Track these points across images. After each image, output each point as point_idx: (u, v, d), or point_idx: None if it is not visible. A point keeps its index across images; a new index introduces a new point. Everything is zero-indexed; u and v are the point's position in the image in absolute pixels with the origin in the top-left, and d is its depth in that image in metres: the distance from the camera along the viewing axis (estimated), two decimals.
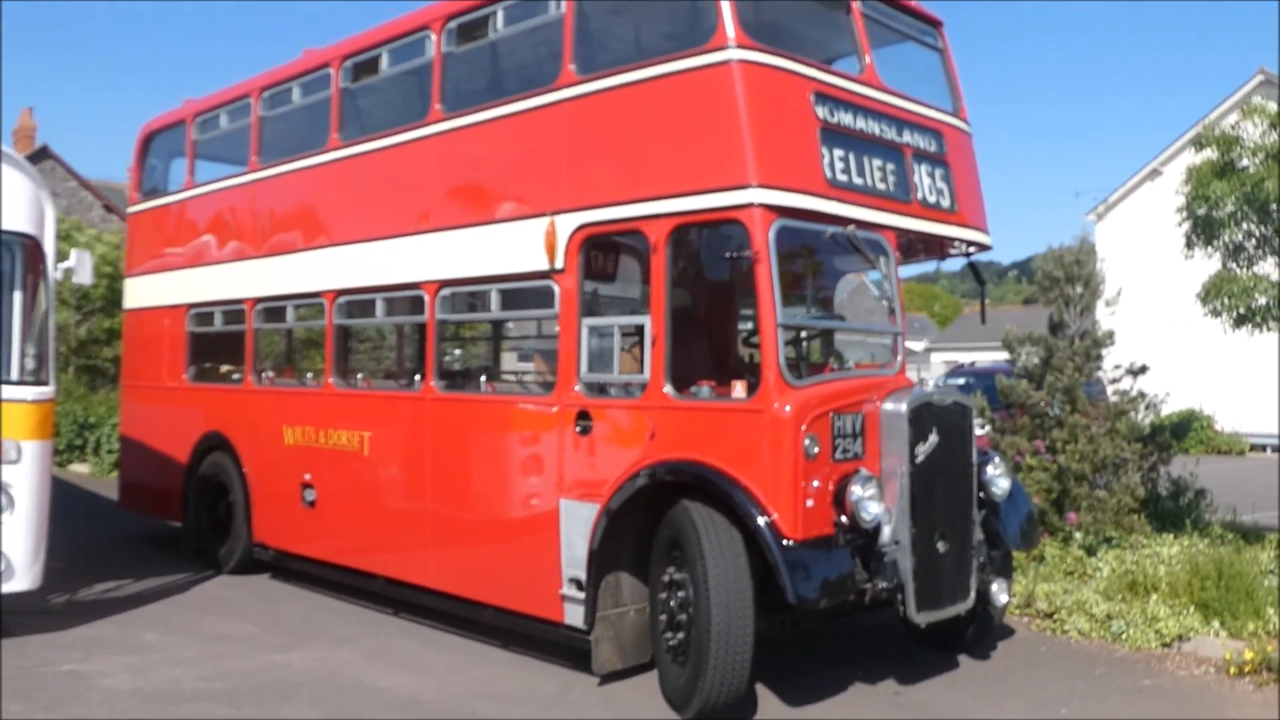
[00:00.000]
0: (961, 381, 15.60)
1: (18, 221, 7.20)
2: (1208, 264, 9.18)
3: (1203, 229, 8.42)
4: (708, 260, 6.54)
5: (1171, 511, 9.44)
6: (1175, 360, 22.76)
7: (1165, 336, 21.74)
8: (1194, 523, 9.08)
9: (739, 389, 5.84)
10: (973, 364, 18.53)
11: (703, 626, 5.40)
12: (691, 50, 5.97)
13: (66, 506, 12.38)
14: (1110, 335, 9.27)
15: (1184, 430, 10.10)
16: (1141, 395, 9.31)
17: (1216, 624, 7.11)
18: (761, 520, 5.39)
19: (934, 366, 33.40)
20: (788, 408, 5.51)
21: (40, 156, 31.58)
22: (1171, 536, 8.63)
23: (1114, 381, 9.43)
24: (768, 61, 5.91)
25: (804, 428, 5.51)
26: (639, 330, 6.19)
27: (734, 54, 5.80)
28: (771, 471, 5.48)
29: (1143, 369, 9.27)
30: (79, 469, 16.89)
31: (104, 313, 19.35)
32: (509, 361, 10.81)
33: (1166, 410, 23.25)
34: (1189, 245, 8.75)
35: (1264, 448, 24.64)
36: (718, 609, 5.35)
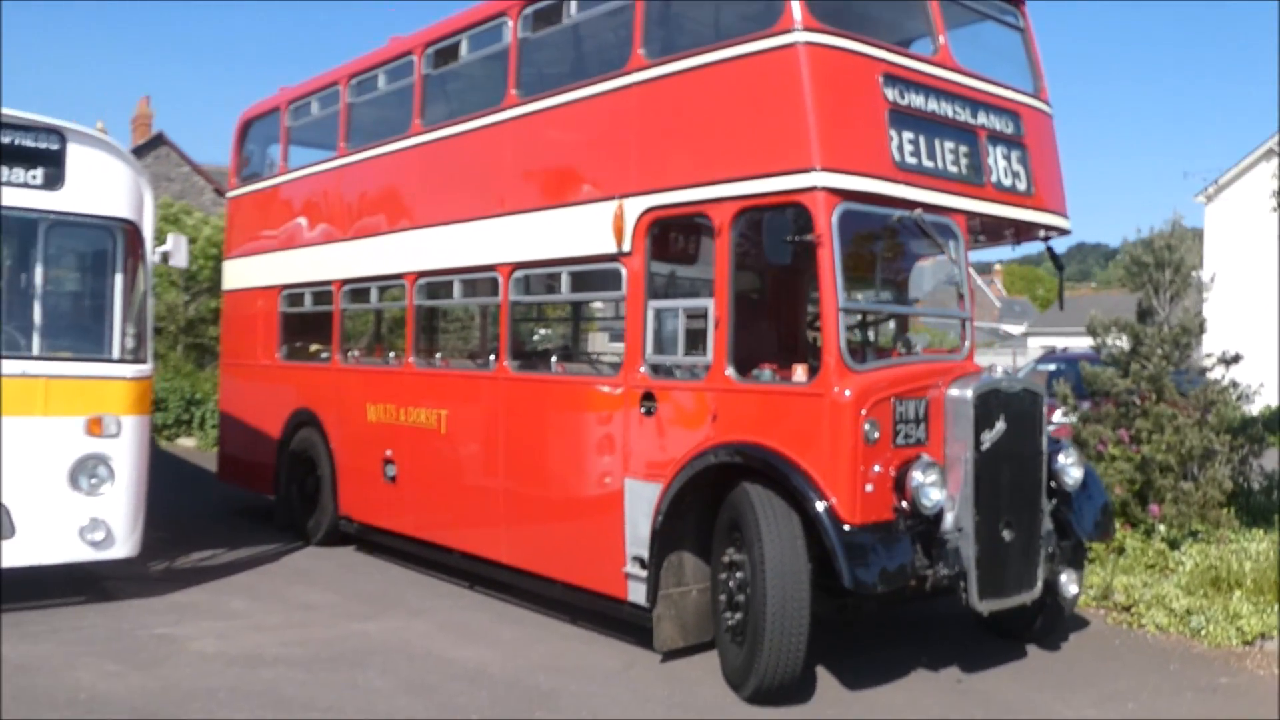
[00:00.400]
0: (1053, 367, 15.21)
1: (118, 207, 7.58)
2: None
3: None
4: (773, 243, 6.55)
5: (1264, 506, 9.09)
6: None
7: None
8: None
9: (800, 372, 5.85)
10: (1065, 349, 18.04)
11: (758, 607, 5.45)
12: (757, 34, 5.97)
13: (171, 479, 13.03)
14: (1202, 323, 8.96)
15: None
16: (1234, 385, 8.97)
17: None
18: (819, 504, 5.41)
19: (1030, 350, 32.56)
20: (848, 392, 5.51)
21: (155, 143, 32.99)
22: (1260, 532, 8.33)
23: (1205, 371, 9.11)
24: (834, 44, 5.88)
25: (864, 412, 5.50)
26: (705, 313, 6.24)
27: (800, 36, 5.79)
28: (830, 455, 5.49)
29: (1236, 358, 8.93)
30: (186, 443, 17.69)
31: (210, 293, 20.14)
32: (593, 342, 10.97)
33: (1276, 400, 22.35)
34: None
35: None
36: (773, 591, 5.39)
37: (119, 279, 7.72)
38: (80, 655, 6.18)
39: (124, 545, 7.41)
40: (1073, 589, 6.48)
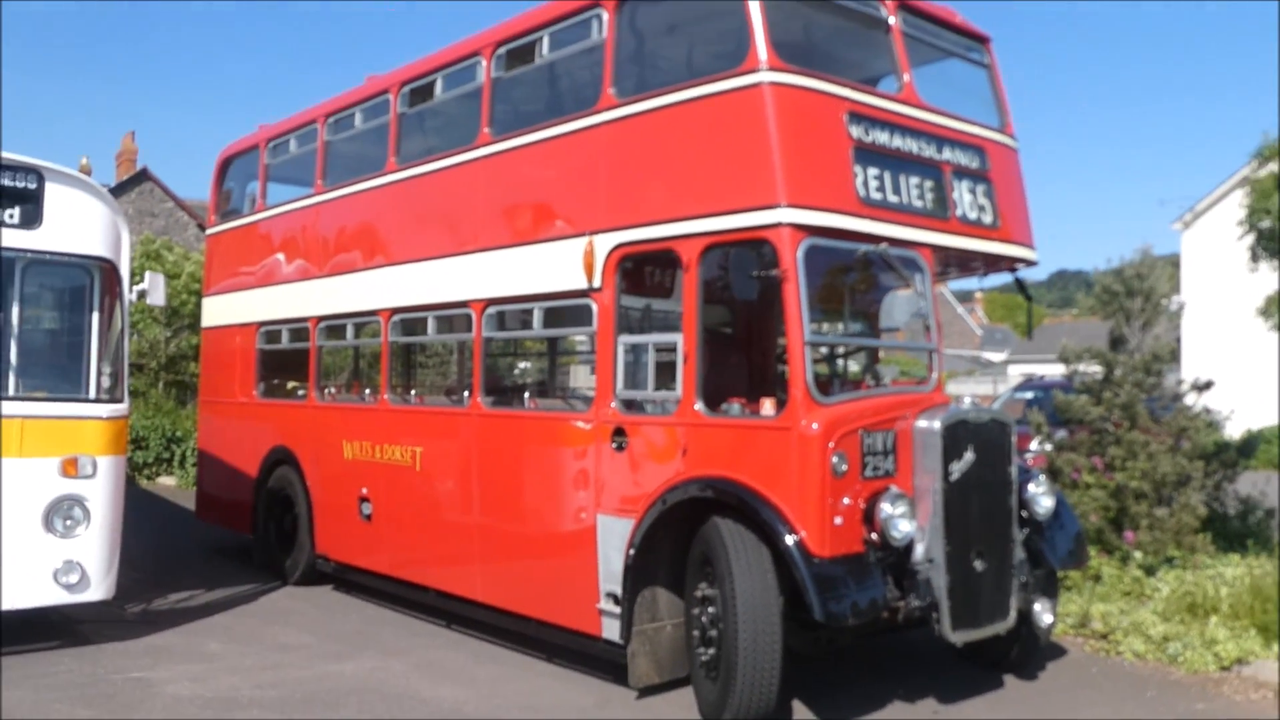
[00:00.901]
0: (1029, 395, 15.29)
1: (95, 246, 7.58)
2: None
3: (1266, 242, 8.18)
4: (741, 278, 6.61)
5: (1239, 531, 9.14)
6: (1267, 373, 22.02)
7: (1258, 348, 20.99)
8: (1261, 542, 8.78)
9: (768, 406, 5.90)
10: (1042, 377, 18.15)
11: (730, 642, 5.46)
12: (724, 73, 6.06)
13: (150, 518, 12.97)
14: (1171, 352, 9.05)
15: (1253, 447, 9.69)
16: (1207, 411, 9.06)
17: (1277, 647, 6.89)
18: (789, 538, 5.44)
19: (1011, 378, 32.70)
20: (815, 425, 5.55)
21: (139, 179, 32.97)
22: (1236, 557, 8.38)
23: (1178, 397, 9.19)
24: (800, 83, 5.97)
25: (831, 445, 5.54)
26: (675, 347, 6.28)
27: (765, 76, 5.88)
28: (799, 489, 5.52)
29: (1207, 384, 9.03)
30: (166, 481, 17.58)
31: (192, 329, 20.10)
32: (566, 377, 11.00)
33: (1257, 425, 22.52)
34: (1254, 258, 8.51)
35: None
36: (745, 625, 5.40)
37: (96, 318, 7.70)
38: (53, 701, 6.13)
39: (99, 588, 7.35)
40: (1047, 618, 6.50)
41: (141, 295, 8.12)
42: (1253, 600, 7.32)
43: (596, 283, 6.57)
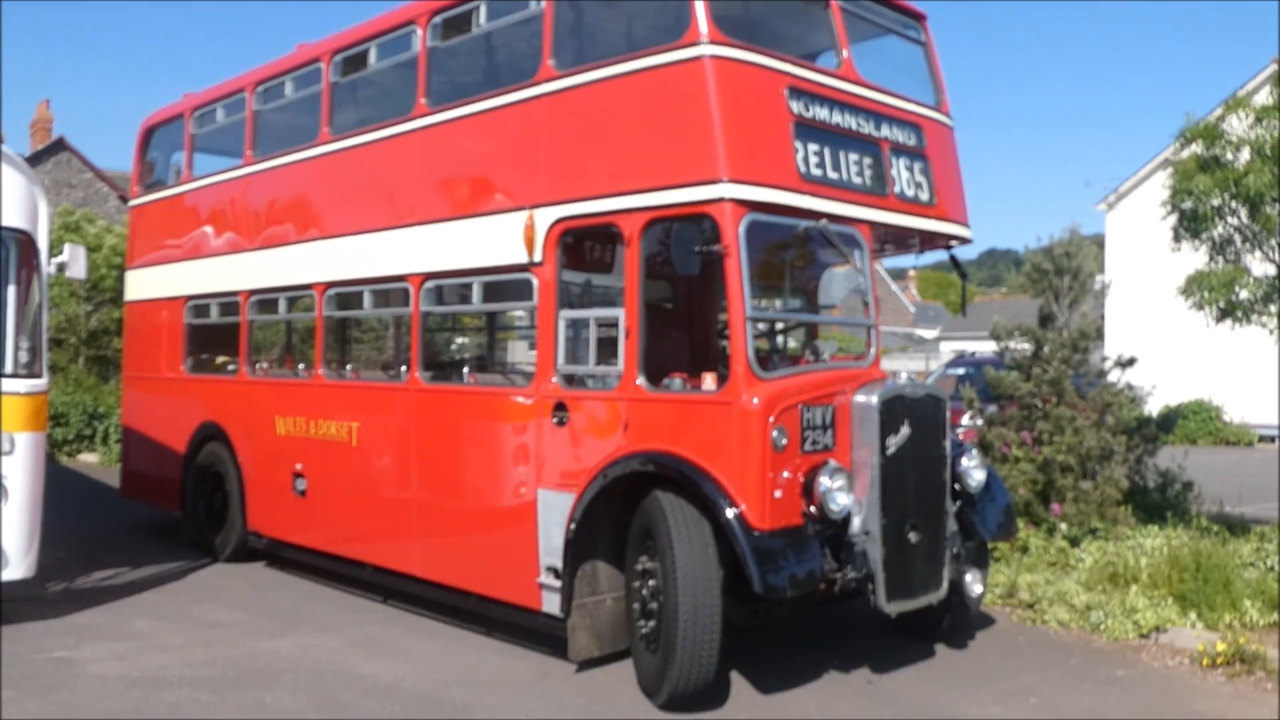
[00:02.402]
0: (961, 371, 15.60)
1: (11, 217, 7.31)
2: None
3: (1189, 223, 8.41)
4: (682, 253, 6.61)
5: (1159, 504, 9.45)
6: (1185, 351, 22.72)
7: (1177, 326, 21.65)
8: (1179, 515, 9.08)
9: (709, 381, 5.92)
10: (973, 354, 18.52)
11: (671, 615, 5.49)
12: (665, 46, 6.03)
13: (72, 496, 12.63)
14: (1097, 329, 9.29)
15: (1172, 422, 10.06)
16: (1129, 387, 9.32)
17: (1194, 616, 7.15)
18: (729, 511, 5.47)
19: (943, 354, 33.33)
20: (755, 400, 5.58)
21: (57, 148, 31.94)
22: (1156, 528, 8.66)
23: (1103, 374, 9.44)
24: (740, 57, 5.96)
25: (772, 419, 5.58)
26: (616, 322, 6.26)
27: (706, 50, 5.86)
28: (739, 463, 5.55)
29: (1130, 361, 9.28)
30: (88, 459, 17.13)
31: (114, 303, 19.52)
32: (506, 352, 10.93)
33: (1176, 400, 23.23)
34: (1176, 239, 8.74)
35: (1273, 439, 24.54)
36: (685, 598, 5.44)
37: (12, 291, 7.43)
38: None
39: (19, 566, 7.14)
40: (977, 588, 6.66)
41: (61, 268, 7.86)
42: (1170, 570, 7.57)
43: (537, 257, 6.51)
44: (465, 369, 8.19)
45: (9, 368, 7.30)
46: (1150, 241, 24.11)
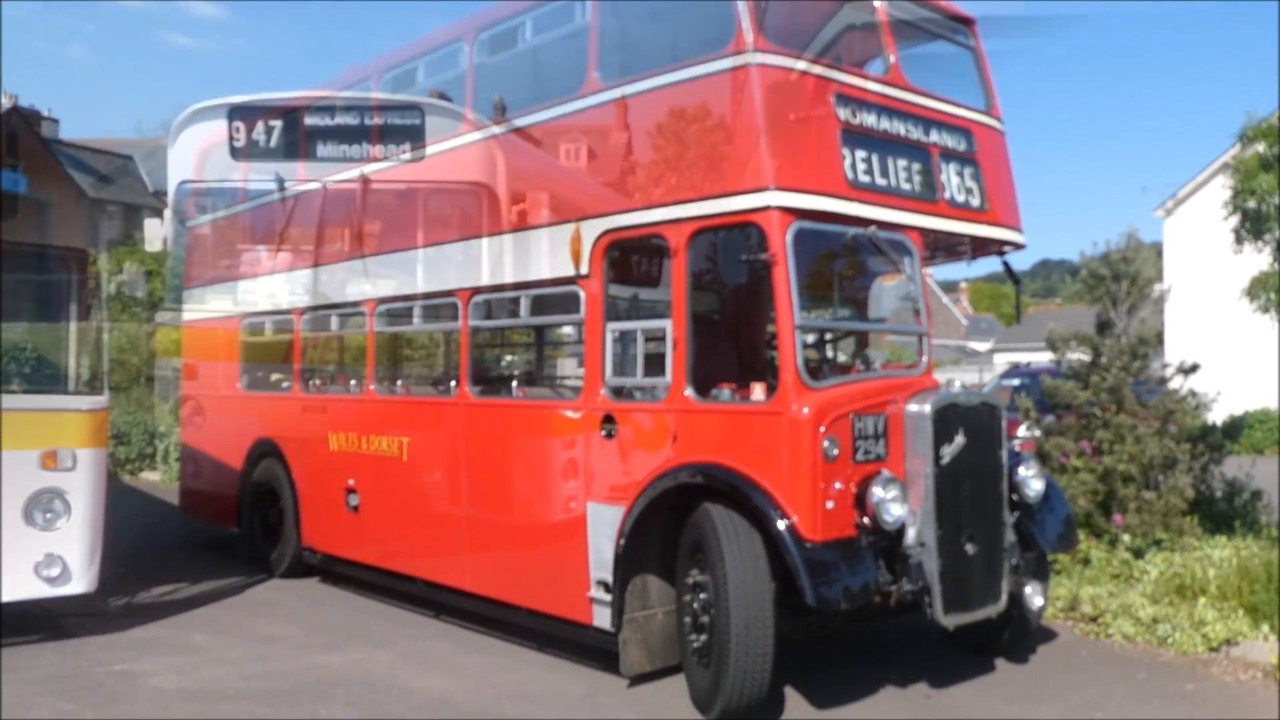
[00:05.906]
0: (1016, 382, 15.32)
1: (72, 236, 7.50)
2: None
3: (1251, 224, 8.18)
4: (730, 263, 6.57)
5: (1226, 513, 9.16)
6: (1249, 359, 22.15)
7: (1240, 334, 21.13)
8: (1247, 524, 8.81)
9: (758, 391, 5.86)
10: (1028, 364, 18.19)
11: (723, 628, 5.42)
12: (710, 55, 6.01)
13: (133, 514, 12.84)
14: (1158, 335, 9.06)
15: (1238, 430, 9.74)
16: (1193, 394, 9.07)
17: (1266, 628, 6.91)
18: (780, 522, 5.40)
19: (996, 366, 32.82)
20: (805, 410, 5.51)
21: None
22: (1224, 539, 8.40)
23: (1164, 381, 9.20)
24: (786, 65, 5.93)
25: (823, 429, 5.51)
26: (663, 334, 6.23)
27: (752, 58, 5.83)
28: (790, 473, 5.48)
29: (1194, 367, 9.04)
30: (150, 476, 17.44)
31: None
32: (555, 366, 10.94)
33: (1240, 409, 22.64)
34: (1238, 240, 8.51)
35: None
36: (737, 611, 5.37)
37: (73, 309, 7.61)
38: (35, 695, 6.06)
39: (81, 581, 7.26)
40: (1038, 601, 6.50)
41: (120, 287, 8.02)
42: (1240, 581, 7.34)
43: (584, 269, 6.51)
44: (514, 383, 8.20)
45: (71, 385, 7.47)
46: (1210, 247, 23.64)
